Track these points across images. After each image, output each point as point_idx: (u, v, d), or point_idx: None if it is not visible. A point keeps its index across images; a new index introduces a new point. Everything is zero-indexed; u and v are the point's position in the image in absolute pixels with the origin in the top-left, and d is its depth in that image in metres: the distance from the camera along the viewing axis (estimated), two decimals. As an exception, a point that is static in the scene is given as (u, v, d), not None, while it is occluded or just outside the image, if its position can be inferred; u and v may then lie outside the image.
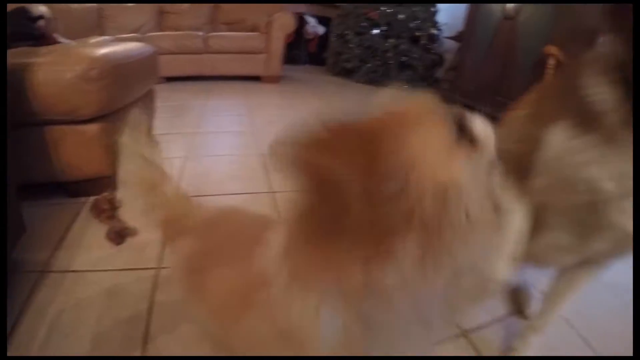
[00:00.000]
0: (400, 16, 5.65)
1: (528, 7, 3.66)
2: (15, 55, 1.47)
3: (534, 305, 1.34)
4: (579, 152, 0.78)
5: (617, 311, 1.49)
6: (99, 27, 5.21)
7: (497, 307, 1.39)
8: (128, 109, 1.91)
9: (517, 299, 1.45)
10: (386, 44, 5.69)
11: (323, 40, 7.08)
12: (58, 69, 1.48)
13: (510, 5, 3.84)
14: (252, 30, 5.38)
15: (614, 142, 0.73)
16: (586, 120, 0.77)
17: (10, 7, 5.97)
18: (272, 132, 2.29)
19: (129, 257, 1.41)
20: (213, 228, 0.82)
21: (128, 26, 5.32)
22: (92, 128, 1.63)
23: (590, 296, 1.52)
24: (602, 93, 0.74)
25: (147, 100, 2.40)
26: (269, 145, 0.44)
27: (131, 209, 1.60)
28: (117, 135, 0.85)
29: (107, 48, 1.77)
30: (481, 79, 4.27)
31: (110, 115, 1.70)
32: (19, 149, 1.50)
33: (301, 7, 7.16)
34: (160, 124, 2.81)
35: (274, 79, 5.24)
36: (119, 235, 1.46)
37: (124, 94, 1.85)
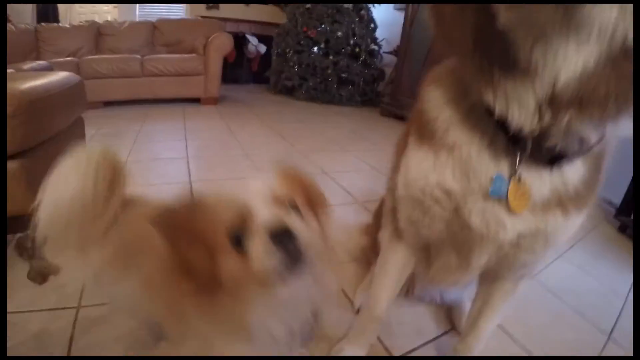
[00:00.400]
0: (339, 33, 5.75)
1: None
2: None
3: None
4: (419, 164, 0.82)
5: (559, 316, 1.53)
6: (35, 50, 5.08)
7: (429, 328, 1.40)
8: (50, 142, 1.84)
9: (451, 315, 1.45)
10: (326, 61, 5.76)
11: (265, 58, 7.10)
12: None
13: None
14: (190, 52, 5.33)
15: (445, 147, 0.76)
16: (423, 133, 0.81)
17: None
18: (206, 158, 2.30)
19: (52, 297, 1.36)
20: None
21: (65, 49, 5.20)
22: (12, 165, 1.54)
23: (532, 303, 1.57)
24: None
25: (74, 130, 2.28)
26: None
27: (54, 245, 1.55)
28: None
29: (26, 81, 1.68)
30: (418, 91, 4.33)
31: (30, 151, 1.63)
32: None
33: (243, 26, 7.21)
34: None
35: (213, 100, 5.20)
36: (41, 275, 1.41)
37: (45, 128, 1.74)
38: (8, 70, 2.27)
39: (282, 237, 0.60)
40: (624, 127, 0.59)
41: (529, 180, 0.69)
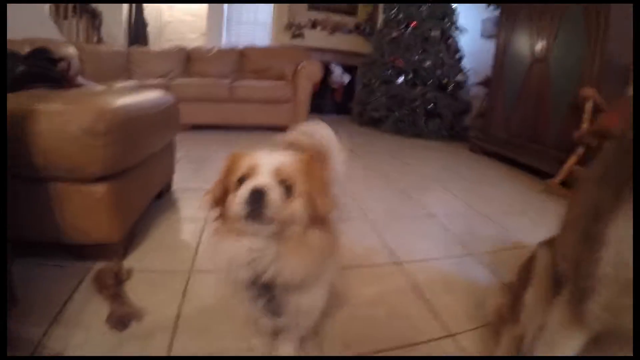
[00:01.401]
0: (427, 63, 5.60)
1: (558, 48, 3.51)
2: (22, 98, 1.30)
3: None
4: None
5: None
6: (126, 71, 5.24)
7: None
8: (143, 167, 1.73)
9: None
10: (413, 93, 5.59)
11: (349, 89, 7.07)
12: (62, 120, 1.27)
13: (539, 47, 3.71)
14: (279, 79, 5.32)
15: None
16: None
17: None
18: None
19: (132, 347, 1.14)
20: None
21: (155, 72, 5.32)
22: (100, 189, 1.40)
23: None
24: None
25: (166, 154, 2.22)
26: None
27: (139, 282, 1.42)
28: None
29: (121, 97, 1.57)
30: (513, 126, 4.08)
31: (121, 175, 1.49)
32: (18, 205, 1.30)
33: (327, 56, 7.17)
34: (179, 176, 2.61)
35: None
36: (121, 322, 1.19)
37: (137, 150, 1.64)
38: (100, 87, 2.22)
39: (256, 196, 0.81)
40: None
41: None
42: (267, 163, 0.87)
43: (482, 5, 5.59)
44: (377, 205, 2.62)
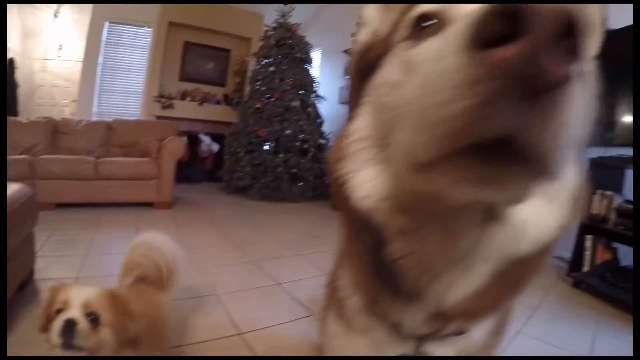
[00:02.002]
0: (288, 131, 6.11)
1: None
2: None
3: None
4: None
5: None
6: None
7: None
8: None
9: None
10: (276, 160, 6.05)
11: (219, 157, 7.34)
12: None
13: None
14: (144, 155, 5.46)
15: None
16: None
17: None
18: None
19: None
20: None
21: (21, 145, 5.21)
22: None
23: None
24: None
25: (25, 246, 2.27)
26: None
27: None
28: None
29: None
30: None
31: None
32: None
33: (196, 126, 7.53)
34: (42, 264, 2.61)
35: (166, 205, 5.23)
36: None
37: None
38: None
39: (66, 327, 1.02)
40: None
41: (436, 351, 0.70)
42: (76, 297, 1.06)
43: (340, 75, 6.41)
44: (228, 279, 2.81)
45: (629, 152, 3.01)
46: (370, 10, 0.77)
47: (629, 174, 3.18)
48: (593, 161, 3.06)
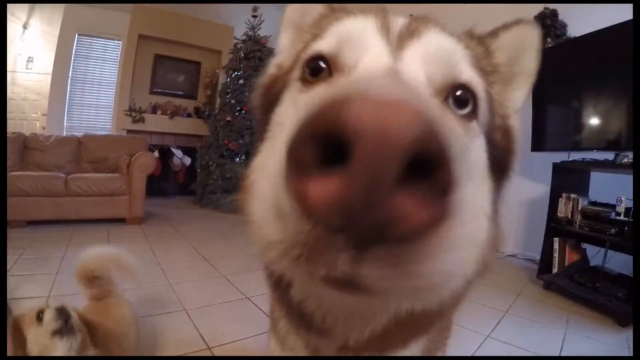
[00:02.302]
0: (259, 144, 6.18)
1: None
2: None
3: None
4: None
5: None
6: None
7: None
8: None
9: None
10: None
11: (191, 170, 7.39)
12: None
13: None
14: (115, 170, 5.50)
15: None
16: None
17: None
18: (129, 294, 2.26)
19: None
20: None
21: None
22: None
23: None
24: None
25: None
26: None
27: None
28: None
29: None
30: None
31: None
32: None
33: (167, 139, 7.58)
34: (13, 285, 2.65)
35: (138, 220, 5.27)
36: None
37: None
38: None
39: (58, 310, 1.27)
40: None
41: None
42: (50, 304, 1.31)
43: None
44: (197, 295, 2.87)
45: (593, 155, 3.19)
46: (283, 38, 0.77)
47: (595, 176, 3.37)
48: (557, 165, 3.23)
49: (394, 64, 0.47)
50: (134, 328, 1.71)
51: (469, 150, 0.48)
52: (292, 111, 0.53)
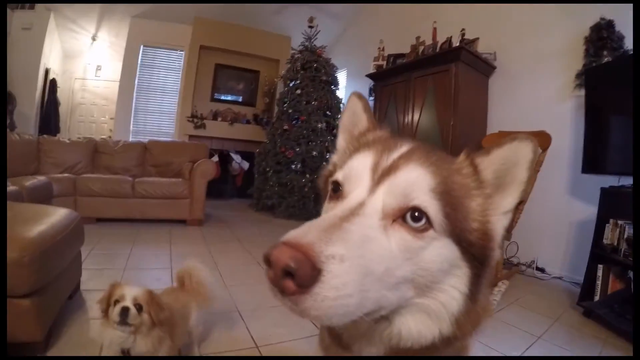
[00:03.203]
0: (314, 152, 6.32)
1: (423, 121, 4.59)
2: None
3: None
4: None
5: None
6: (36, 161, 5.45)
7: None
8: (57, 278, 2.13)
9: None
10: (303, 180, 6.27)
11: (250, 174, 7.62)
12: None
13: (408, 120, 4.67)
14: (177, 175, 5.80)
15: None
16: None
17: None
18: None
19: None
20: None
21: (64, 162, 5.60)
22: (25, 302, 1.82)
23: None
24: None
25: (74, 261, 2.55)
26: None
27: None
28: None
29: (33, 226, 1.97)
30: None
31: (41, 289, 1.89)
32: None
33: (227, 144, 7.84)
34: (86, 276, 2.85)
35: (198, 222, 5.51)
36: None
37: (53, 269, 2.04)
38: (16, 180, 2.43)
39: (123, 311, 1.50)
40: None
41: None
42: (128, 293, 1.56)
43: (365, 96, 6.59)
44: (250, 297, 2.97)
45: None
46: (340, 139, 0.96)
47: None
48: (605, 190, 3.08)
49: (366, 198, 0.68)
50: (195, 314, 1.98)
51: (423, 249, 0.66)
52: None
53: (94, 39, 8.40)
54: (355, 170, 0.75)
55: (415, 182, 0.69)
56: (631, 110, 2.93)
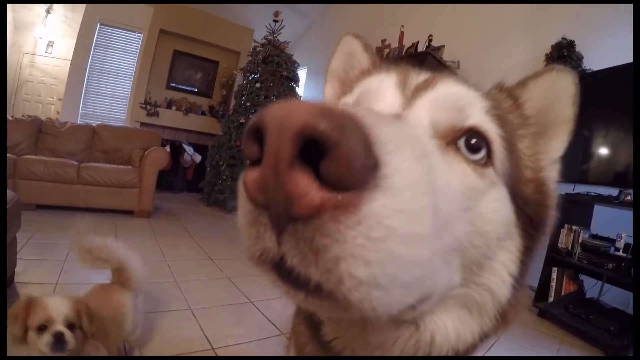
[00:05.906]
0: (271, 148, 6.24)
1: None
2: None
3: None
4: None
5: None
6: None
7: None
8: None
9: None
10: (256, 176, 6.19)
11: (201, 168, 7.45)
12: None
13: None
14: (126, 163, 5.55)
15: None
16: None
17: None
18: None
19: None
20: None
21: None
22: None
23: None
24: None
25: (8, 250, 2.33)
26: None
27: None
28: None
29: None
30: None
31: None
32: None
33: (180, 135, 7.67)
34: (22, 267, 2.66)
35: (146, 214, 5.31)
36: None
37: None
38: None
39: (57, 338, 1.27)
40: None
41: None
42: (56, 313, 1.30)
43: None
44: (202, 295, 2.90)
45: (598, 190, 3.26)
46: (327, 89, 0.84)
47: (598, 210, 3.42)
48: (561, 197, 3.25)
49: (402, 112, 0.53)
50: (131, 316, 1.77)
51: (483, 196, 0.50)
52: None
53: (48, 11, 7.88)
54: (373, 86, 0.60)
55: (466, 96, 0.55)
56: (582, 127, 3.13)
